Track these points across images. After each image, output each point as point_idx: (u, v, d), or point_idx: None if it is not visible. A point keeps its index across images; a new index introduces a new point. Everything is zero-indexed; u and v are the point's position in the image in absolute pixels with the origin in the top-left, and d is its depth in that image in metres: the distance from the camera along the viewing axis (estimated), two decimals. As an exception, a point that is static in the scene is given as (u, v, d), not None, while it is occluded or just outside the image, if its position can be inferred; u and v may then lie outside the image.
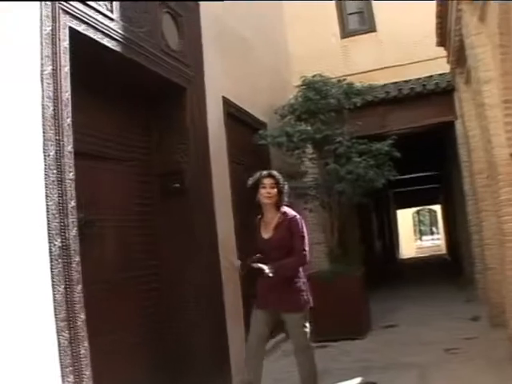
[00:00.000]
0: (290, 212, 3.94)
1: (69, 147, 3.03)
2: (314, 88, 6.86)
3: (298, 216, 3.92)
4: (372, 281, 7.91)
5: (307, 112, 6.78)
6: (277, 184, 3.92)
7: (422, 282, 11.38)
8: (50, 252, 2.73)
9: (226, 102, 5.65)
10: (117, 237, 4.21)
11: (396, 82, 8.12)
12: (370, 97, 7.62)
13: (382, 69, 8.32)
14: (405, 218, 29.04)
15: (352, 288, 6.43)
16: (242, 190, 5.45)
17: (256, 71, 6.86)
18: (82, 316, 2.89)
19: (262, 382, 3.85)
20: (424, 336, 5.96)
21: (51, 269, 2.72)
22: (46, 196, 2.77)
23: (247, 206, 5.30)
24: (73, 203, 2.99)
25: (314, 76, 6.99)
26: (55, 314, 2.70)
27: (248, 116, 6.35)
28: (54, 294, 2.71)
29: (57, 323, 2.70)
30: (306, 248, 3.85)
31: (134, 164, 4.50)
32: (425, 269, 16.65)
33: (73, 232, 2.95)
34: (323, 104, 6.73)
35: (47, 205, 2.76)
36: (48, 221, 2.75)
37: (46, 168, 2.79)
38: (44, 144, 2.81)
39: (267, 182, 3.90)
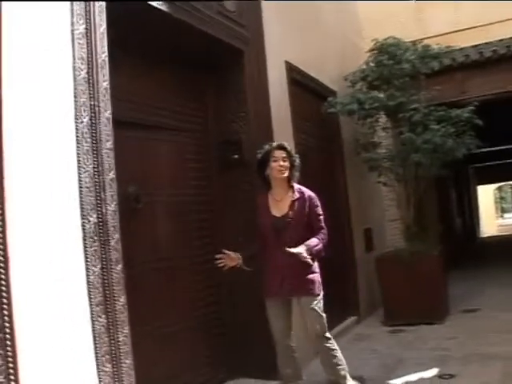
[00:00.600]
0: (306, 190, 3.64)
1: (106, 113, 2.71)
2: (387, 52, 6.28)
3: (313, 194, 3.64)
4: (451, 260, 7.32)
5: (380, 78, 6.22)
6: (289, 157, 3.59)
7: (504, 262, 10.54)
8: (84, 229, 2.46)
9: (290, 68, 5.20)
10: (170, 212, 3.93)
11: (476, 45, 7.38)
12: (448, 60, 6.96)
13: (460, 31, 7.57)
14: (485, 194, 27.61)
15: (430, 268, 5.87)
16: (309, 162, 5.11)
17: (323, 35, 6.35)
18: (122, 299, 2.60)
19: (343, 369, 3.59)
20: (509, 323, 5.33)
21: (85, 247, 2.45)
22: (79, 167, 2.49)
23: (314, 180, 4.95)
24: (111, 175, 2.68)
25: (386, 39, 6.43)
26: (89, 298, 2.43)
27: (315, 83, 5.88)
28: (87, 276, 2.44)
29: (91, 307, 2.44)
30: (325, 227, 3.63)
31: (189, 134, 4.19)
32: (507, 248, 15.61)
33: (111, 207, 2.65)
34: (397, 69, 6.13)
35: (80, 177, 2.48)
36: (81, 194, 2.47)
37: (78, 136, 2.51)
38: (76, 110, 2.51)
39: (279, 154, 3.56)
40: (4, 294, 2.02)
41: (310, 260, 3.39)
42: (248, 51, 4.36)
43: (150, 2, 3.26)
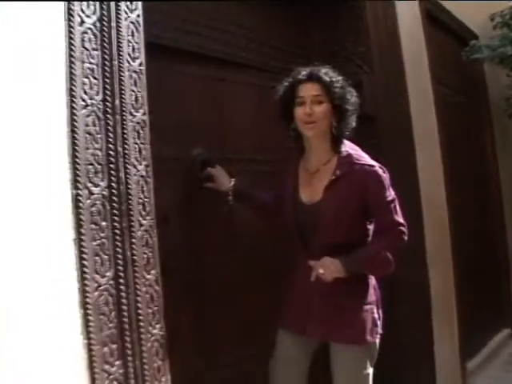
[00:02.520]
0: (362, 157, 2.10)
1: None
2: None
3: (378, 166, 2.08)
4: None
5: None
6: (328, 94, 2.05)
7: None
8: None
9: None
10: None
11: None
12: None
13: None
14: None
15: None
16: (453, 125, 3.71)
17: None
18: (157, 328, 1.47)
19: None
20: None
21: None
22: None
23: (461, 149, 3.55)
24: (141, 114, 1.54)
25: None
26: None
27: (453, 20, 4.43)
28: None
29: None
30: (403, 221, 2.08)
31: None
32: None
33: (142, 170, 1.51)
34: None
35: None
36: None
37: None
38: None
39: (308, 91, 2.06)
40: None
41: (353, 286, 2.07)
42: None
43: None
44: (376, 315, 2.10)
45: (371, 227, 2.13)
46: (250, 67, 2.72)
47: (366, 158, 2.11)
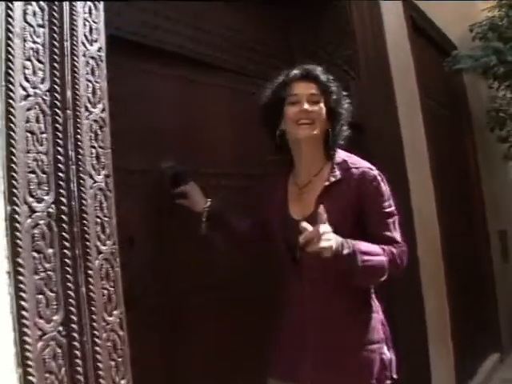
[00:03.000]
0: (358, 161, 1.83)
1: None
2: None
3: (376, 171, 1.80)
4: None
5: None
6: (324, 95, 1.81)
7: None
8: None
9: (409, 3, 3.58)
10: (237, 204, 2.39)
11: None
12: None
13: None
14: None
15: None
16: (442, 140, 3.47)
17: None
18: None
19: None
20: None
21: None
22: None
23: (451, 167, 3.31)
24: (99, 110, 1.21)
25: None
26: None
27: (434, 29, 4.23)
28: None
29: None
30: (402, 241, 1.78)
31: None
32: None
33: (101, 181, 1.18)
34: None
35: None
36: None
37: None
38: None
39: (304, 89, 1.80)
40: None
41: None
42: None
43: None
44: (386, 356, 1.75)
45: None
46: (225, 69, 2.41)
47: (363, 162, 1.83)
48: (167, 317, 1.89)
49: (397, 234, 1.76)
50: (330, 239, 1.54)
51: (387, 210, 1.76)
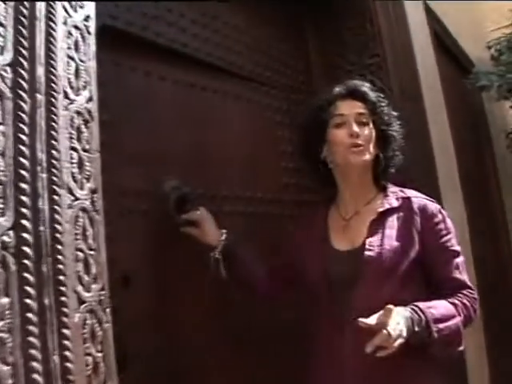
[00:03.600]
0: (415, 192, 1.55)
1: None
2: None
3: (437, 205, 1.53)
4: None
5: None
6: (374, 115, 1.53)
7: None
8: None
9: (432, 16, 3.27)
10: (252, 234, 2.00)
11: None
12: None
13: None
14: None
15: None
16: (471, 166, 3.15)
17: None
18: None
19: None
20: None
21: None
22: None
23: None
24: (85, 100, 0.85)
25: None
26: None
27: (455, 44, 3.91)
28: None
29: None
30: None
31: (281, 93, 2.29)
32: None
33: (85, 198, 0.81)
34: None
35: None
36: None
37: None
38: None
39: (351, 108, 1.52)
40: None
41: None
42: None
43: None
44: None
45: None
46: (240, 76, 2.06)
47: (420, 194, 1.56)
48: (172, 380, 1.49)
49: (466, 278, 1.48)
50: (400, 331, 1.23)
51: (455, 247, 1.49)
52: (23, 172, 0.74)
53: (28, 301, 0.72)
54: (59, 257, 0.76)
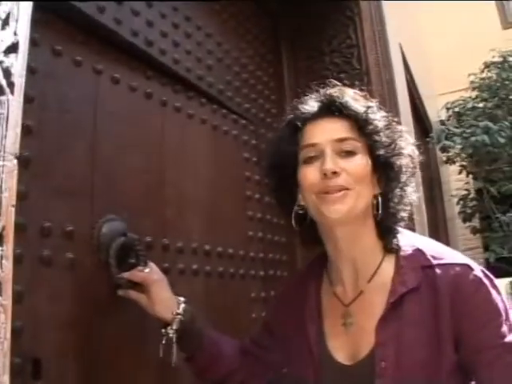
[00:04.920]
0: (441, 251, 1.00)
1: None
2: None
3: (477, 269, 0.96)
4: None
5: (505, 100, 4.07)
6: (365, 135, 0.98)
7: None
8: None
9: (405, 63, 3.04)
10: (224, 302, 1.54)
11: None
12: None
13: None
14: None
15: None
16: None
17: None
18: None
19: None
20: None
21: None
22: None
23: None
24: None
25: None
26: None
27: (420, 102, 3.67)
28: None
29: None
30: None
31: (251, 125, 1.86)
32: None
33: None
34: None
35: None
36: None
37: None
38: None
39: (324, 134, 0.99)
40: None
41: None
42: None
43: None
44: None
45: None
46: (209, 96, 1.63)
47: (449, 253, 1.01)
48: None
49: None
50: None
51: (507, 339, 0.91)
52: None
53: None
54: None
